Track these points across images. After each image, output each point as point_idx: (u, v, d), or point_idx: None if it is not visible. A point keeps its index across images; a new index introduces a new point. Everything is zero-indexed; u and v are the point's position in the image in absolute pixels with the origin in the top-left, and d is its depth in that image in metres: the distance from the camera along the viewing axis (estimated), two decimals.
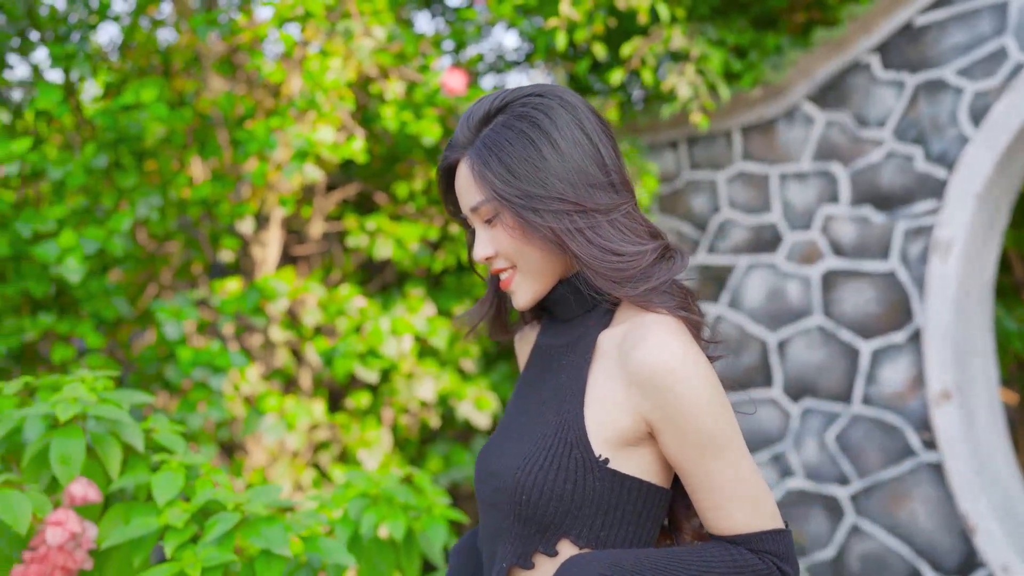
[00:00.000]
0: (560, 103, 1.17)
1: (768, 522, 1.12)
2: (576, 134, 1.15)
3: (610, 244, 1.14)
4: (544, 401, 1.20)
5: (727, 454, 1.11)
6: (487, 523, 1.23)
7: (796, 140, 3.81)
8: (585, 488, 1.11)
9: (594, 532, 1.13)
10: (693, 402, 1.10)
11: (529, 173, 1.13)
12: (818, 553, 3.68)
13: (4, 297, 3.20)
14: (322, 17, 3.23)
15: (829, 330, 3.70)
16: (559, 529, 1.12)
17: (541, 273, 1.20)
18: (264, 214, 3.79)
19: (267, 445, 3.68)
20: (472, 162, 1.17)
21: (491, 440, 1.28)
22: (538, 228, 1.13)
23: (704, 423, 1.10)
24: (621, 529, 1.14)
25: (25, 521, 1.51)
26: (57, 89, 3.15)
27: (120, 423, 1.74)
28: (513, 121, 1.15)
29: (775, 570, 1.11)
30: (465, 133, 1.19)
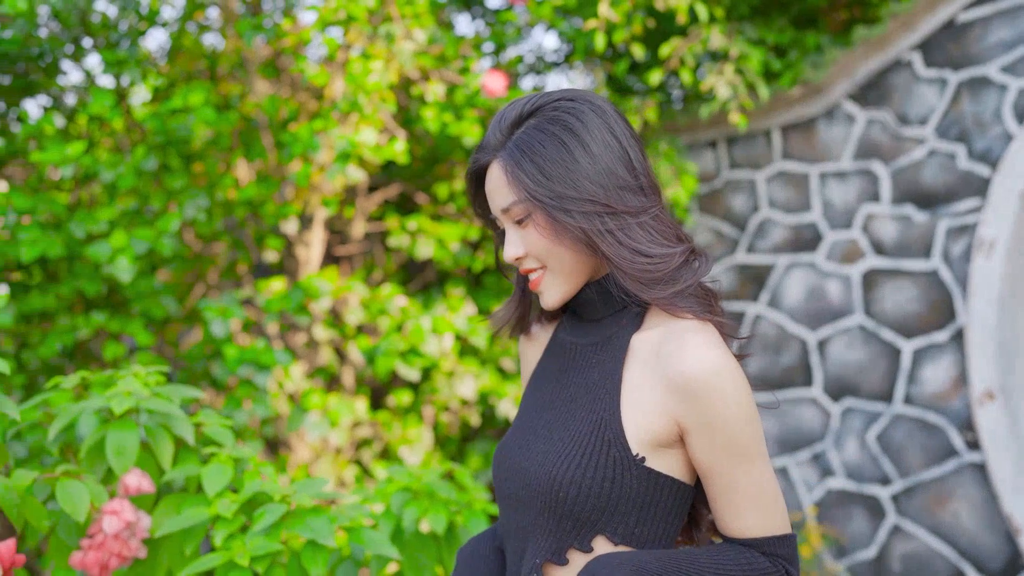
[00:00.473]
0: (590, 107, 1.20)
1: (780, 527, 1.16)
2: (606, 137, 1.18)
3: (639, 246, 1.16)
4: (573, 398, 1.22)
5: (752, 461, 1.15)
6: (512, 519, 1.24)
7: (837, 139, 3.79)
8: (622, 486, 1.14)
9: (629, 528, 1.15)
10: (729, 411, 1.13)
11: (561, 175, 1.16)
12: (859, 553, 3.67)
13: (58, 296, 3.29)
14: (364, 20, 3.28)
15: (870, 329, 3.68)
16: (595, 526, 1.15)
17: (571, 273, 1.22)
18: (308, 215, 3.86)
19: (311, 442, 3.75)
20: (505, 163, 1.19)
21: (510, 437, 1.29)
22: (569, 229, 1.16)
23: (737, 431, 1.13)
24: (653, 525, 1.17)
25: (83, 510, 1.57)
26: (109, 94, 3.23)
27: (172, 417, 1.80)
28: (545, 124, 1.18)
29: (784, 573, 1.16)
30: (496, 135, 1.21)
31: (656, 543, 1.18)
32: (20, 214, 3.07)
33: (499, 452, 1.29)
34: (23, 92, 3.60)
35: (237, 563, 1.58)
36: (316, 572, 1.63)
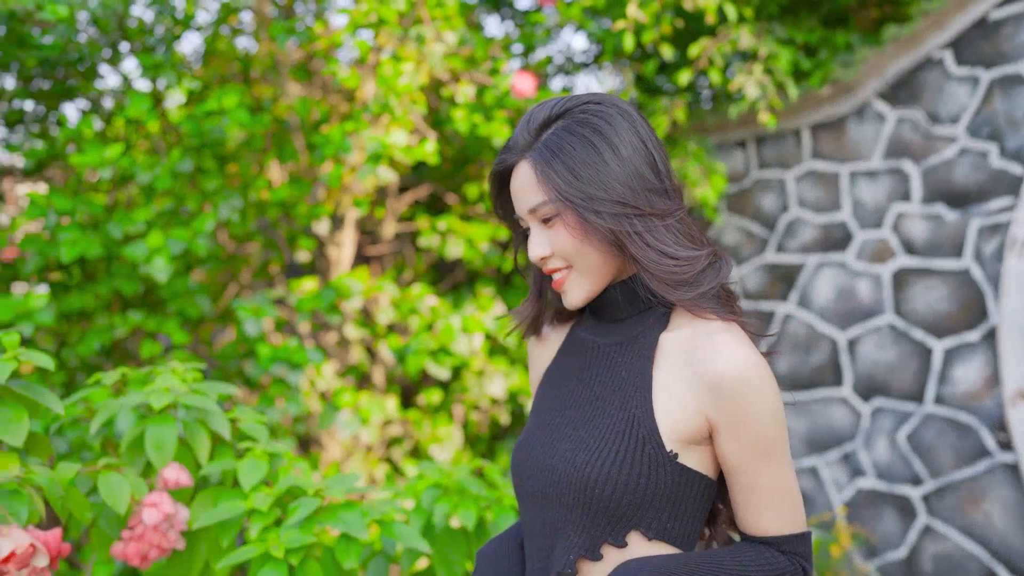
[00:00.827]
0: (618, 111, 1.22)
1: (798, 525, 1.19)
2: (634, 140, 1.20)
3: (666, 248, 1.19)
4: (599, 397, 1.24)
5: (777, 460, 1.17)
6: (537, 517, 1.25)
7: (867, 138, 3.78)
8: (657, 482, 1.16)
9: (662, 523, 1.18)
10: (760, 410, 1.15)
11: (591, 176, 1.18)
12: (890, 553, 3.65)
13: (97, 296, 3.36)
14: (395, 23, 3.32)
15: (900, 329, 3.67)
16: (630, 521, 1.17)
17: (596, 273, 1.24)
18: (339, 215, 3.91)
19: (342, 440, 3.79)
20: (535, 163, 1.21)
21: (530, 435, 1.30)
22: (599, 229, 1.18)
23: (765, 430, 1.15)
24: (684, 520, 1.20)
25: (124, 502, 1.61)
26: (146, 97, 3.30)
27: (208, 412, 1.84)
28: (575, 127, 1.20)
29: (800, 571, 1.18)
30: (525, 136, 1.23)
31: (685, 537, 1.21)
32: (60, 215, 3.14)
33: (519, 450, 1.30)
34: (62, 96, 3.68)
35: (272, 555, 1.61)
36: (349, 565, 1.66)
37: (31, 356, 1.58)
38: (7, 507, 1.45)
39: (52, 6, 2.92)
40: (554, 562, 1.21)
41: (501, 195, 1.33)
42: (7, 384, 1.58)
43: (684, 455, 1.17)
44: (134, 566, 1.70)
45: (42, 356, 1.59)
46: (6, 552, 1.34)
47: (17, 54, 3.21)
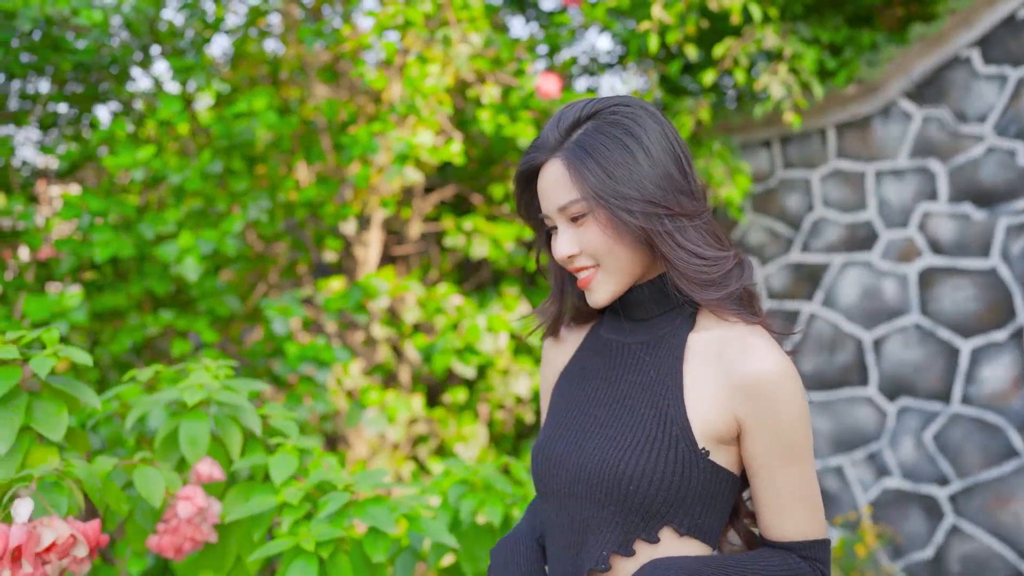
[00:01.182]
0: (646, 113, 1.24)
1: (819, 531, 1.21)
2: (663, 142, 1.22)
3: (695, 248, 1.21)
4: (628, 395, 1.25)
5: (801, 463, 1.19)
6: (564, 515, 1.26)
7: (892, 137, 3.76)
8: (690, 479, 1.18)
9: (694, 520, 1.20)
10: (790, 412, 1.17)
11: (624, 176, 1.19)
12: (916, 553, 3.64)
13: (129, 295, 3.42)
14: (421, 25, 3.35)
15: (927, 328, 3.65)
16: (663, 518, 1.18)
17: (624, 272, 1.25)
18: (366, 216, 3.95)
19: (368, 438, 3.83)
20: (568, 162, 1.22)
21: (553, 433, 1.30)
22: (631, 228, 1.19)
23: (793, 433, 1.17)
24: (713, 516, 1.22)
25: (159, 495, 1.65)
26: (176, 99, 3.35)
27: (240, 408, 1.87)
28: (606, 127, 1.22)
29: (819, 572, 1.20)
30: (555, 135, 1.25)
31: (714, 533, 1.23)
32: (94, 216, 3.20)
33: (542, 449, 1.30)
34: (95, 99, 3.74)
35: (303, 548, 1.64)
36: (378, 558, 1.69)
37: (70, 352, 1.62)
38: (48, 499, 1.49)
39: (87, 11, 2.98)
40: (585, 559, 1.22)
41: (525, 194, 1.34)
42: (47, 379, 1.62)
43: (714, 453, 1.19)
44: (168, 558, 1.74)
45: (80, 352, 1.63)
46: (48, 542, 1.38)
47: (52, 58, 3.27)
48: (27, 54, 3.28)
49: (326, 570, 1.67)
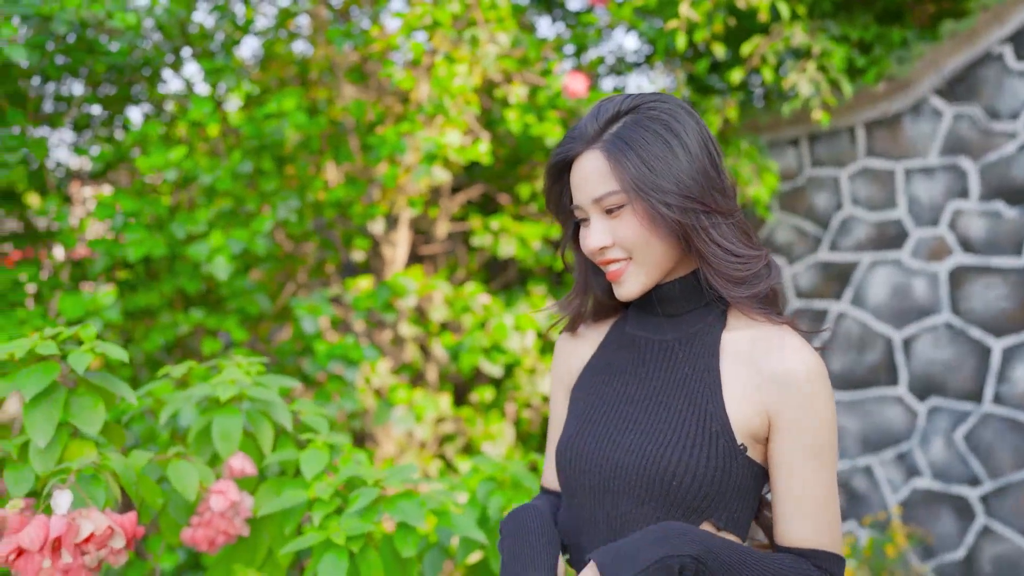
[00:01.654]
0: (684, 110, 1.25)
1: (836, 545, 1.21)
2: (700, 139, 1.24)
3: (730, 245, 1.22)
4: (661, 392, 1.25)
5: (826, 470, 1.20)
6: (600, 512, 1.25)
7: (923, 135, 3.74)
8: (730, 474, 1.19)
9: (732, 514, 1.21)
10: (821, 412, 1.18)
11: (664, 169, 1.20)
12: (947, 555, 3.61)
13: (161, 294, 3.47)
14: (449, 26, 3.37)
15: (957, 327, 3.62)
16: (704, 512, 1.19)
17: (656, 266, 1.25)
18: (394, 215, 3.97)
19: (396, 436, 3.85)
20: (608, 153, 1.23)
21: (582, 430, 1.30)
22: (668, 222, 1.20)
23: (821, 433, 1.19)
24: (748, 511, 1.24)
25: (193, 489, 1.68)
26: (207, 101, 3.39)
27: (272, 404, 1.90)
28: (646, 121, 1.23)
29: None
30: (593, 127, 1.25)
31: (746, 527, 1.25)
32: (127, 216, 3.25)
33: (570, 446, 1.30)
34: (127, 101, 3.80)
35: (334, 542, 1.66)
36: (407, 553, 1.71)
37: (106, 348, 1.66)
38: (86, 491, 1.52)
39: (121, 14, 3.02)
40: None
41: (556, 185, 1.34)
42: (84, 375, 1.66)
43: (750, 450, 1.21)
44: (202, 551, 1.76)
45: (116, 348, 1.66)
46: (87, 533, 1.41)
47: (86, 60, 3.33)
48: (61, 56, 3.34)
49: (356, 565, 1.69)
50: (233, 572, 1.85)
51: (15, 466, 1.59)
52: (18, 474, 1.58)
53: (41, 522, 1.39)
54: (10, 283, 3.34)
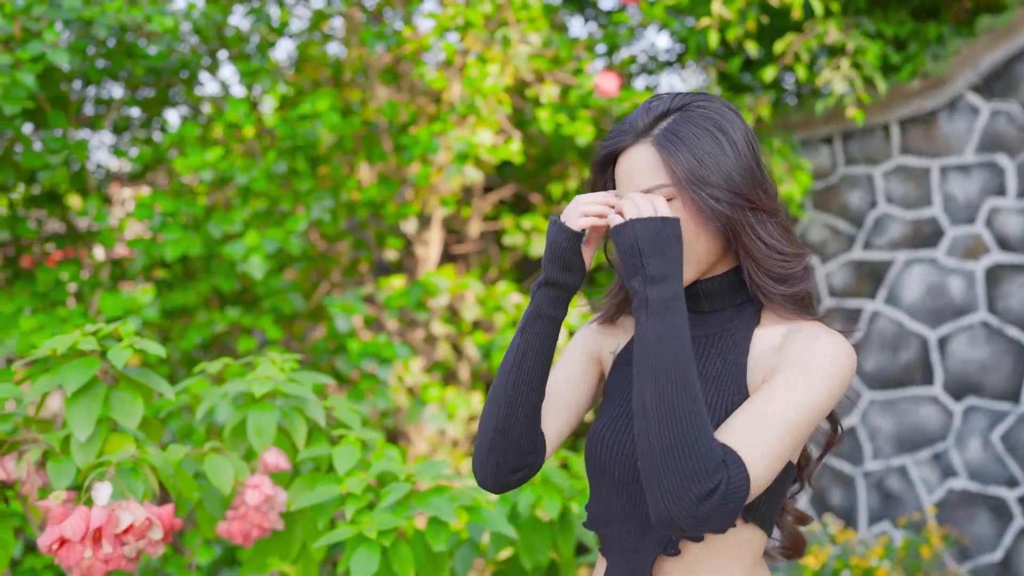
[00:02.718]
0: (731, 110, 1.28)
1: (755, 466, 1.09)
2: (746, 138, 1.27)
3: (775, 242, 1.24)
4: None
5: (796, 391, 1.14)
6: (629, 503, 1.27)
7: (959, 132, 3.70)
8: None
9: (758, 507, 1.22)
10: (822, 350, 1.17)
11: (714, 165, 1.22)
12: (983, 556, 3.57)
13: (197, 292, 3.53)
14: (481, 26, 3.39)
15: (994, 326, 3.58)
16: None
17: (698, 261, 1.26)
18: (426, 215, 4.00)
19: (428, 434, 3.88)
20: (660, 147, 1.24)
21: (612, 423, 1.31)
22: (717, 216, 1.22)
23: (813, 362, 1.16)
24: (771, 504, 1.24)
25: (229, 483, 1.71)
26: (243, 102, 3.45)
27: (305, 400, 1.93)
28: (696, 118, 1.25)
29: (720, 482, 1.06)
30: (644, 121, 1.27)
31: (771, 520, 1.25)
32: (165, 217, 3.30)
33: (599, 439, 1.31)
34: (164, 103, 3.86)
35: (366, 536, 1.69)
36: (439, 548, 1.73)
37: (145, 345, 1.69)
38: (125, 484, 1.56)
39: (159, 18, 3.08)
40: (651, 544, 1.23)
41: (601, 178, 1.36)
42: (123, 371, 1.70)
43: None
44: (237, 544, 1.80)
45: (155, 345, 1.69)
46: (126, 524, 1.44)
47: (126, 64, 3.39)
48: (101, 60, 3.40)
49: (388, 559, 1.71)
50: (268, 565, 1.88)
51: (57, 459, 1.64)
52: (60, 467, 1.62)
53: (83, 513, 1.43)
54: (52, 282, 3.42)
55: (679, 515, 1.05)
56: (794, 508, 1.37)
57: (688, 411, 1.07)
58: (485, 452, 1.30)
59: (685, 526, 1.06)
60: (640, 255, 1.15)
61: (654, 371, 1.09)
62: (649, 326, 1.12)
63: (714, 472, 1.05)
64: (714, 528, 1.06)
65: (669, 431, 1.07)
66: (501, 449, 1.29)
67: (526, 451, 1.30)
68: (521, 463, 1.30)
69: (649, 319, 1.12)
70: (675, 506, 1.05)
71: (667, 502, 1.06)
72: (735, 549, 1.22)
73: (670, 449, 1.06)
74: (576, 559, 2.27)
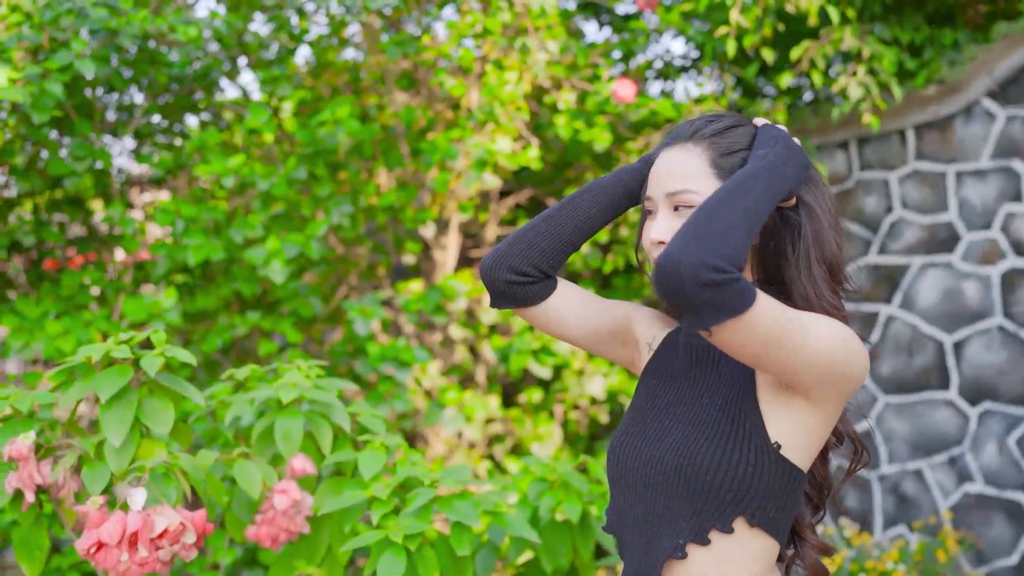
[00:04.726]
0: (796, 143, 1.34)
1: (760, 302, 1.12)
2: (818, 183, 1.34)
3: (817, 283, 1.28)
4: (706, 392, 1.30)
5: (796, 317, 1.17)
6: (640, 508, 1.30)
7: (974, 137, 3.71)
8: (762, 471, 1.22)
9: (765, 512, 1.24)
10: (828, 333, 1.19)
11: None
12: (1000, 560, 3.58)
13: (219, 296, 3.57)
14: (499, 34, 3.43)
15: (1010, 331, 3.59)
16: (736, 507, 1.23)
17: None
18: (443, 219, 4.04)
19: (445, 437, 3.92)
20: (702, 152, 1.29)
21: (632, 428, 1.35)
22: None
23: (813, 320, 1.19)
24: (782, 514, 1.26)
25: (257, 488, 1.75)
26: (264, 109, 3.49)
27: (331, 406, 1.97)
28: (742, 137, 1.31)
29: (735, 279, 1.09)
30: (698, 128, 1.32)
31: (783, 531, 1.27)
32: (188, 222, 3.35)
33: (620, 444, 1.35)
34: (186, 109, 3.91)
35: (392, 540, 1.72)
36: (463, 552, 1.77)
37: (176, 352, 1.73)
38: (159, 489, 1.60)
39: (184, 28, 3.13)
40: (662, 547, 1.26)
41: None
42: (155, 377, 1.74)
43: (786, 448, 1.23)
44: (265, 547, 1.84)
45: (185, 352, 1.74)
46: (161, 529, 1.49)
47: (149, 71, 3.44)
48: (125, 68, 3.45)
49: (413, 562, 1.75)
50: (295, 568, 1.92)
51: (92, 464, 1.68)
52: (95, 472, 1.67)
53: (119, 518, 1.47)
54: (77, 286, 3.47)
55: (686, 265, 1.07)
56: (815, 538, 1.38)
57: (746, 220, 1.14)
58: (504, 243, 1.39)
59: (686, 276, 1.06)
60: (778, 142, 1.26)
61: (744, 186, 1.17)
62: (756, 167, 1.21)
63: (734, 260, 1.08)
64: (702, 294, 1.06)
65: (726, 213, 1.12)
66: (519, 244, 1.37)
67: (531, 263, 1.37)
68: (525, 269, 1.37)
69: (759, 167, 1.21)
70: (686, 256, 1.07)
71: (680, 250, 1.08)
72: (745, 556, 1.24)
73: (715, 217, 1.11)
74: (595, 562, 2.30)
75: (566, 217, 1.39)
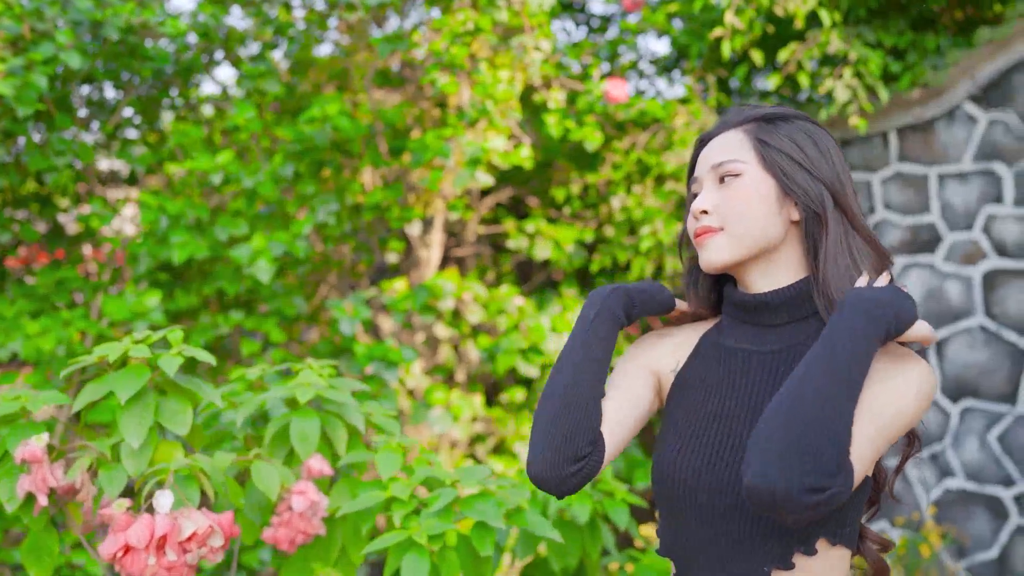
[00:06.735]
0: (825, 130, 1.31)
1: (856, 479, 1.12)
2: (839, 153, 1.30)
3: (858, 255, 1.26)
4: (764, 405, 1.22)
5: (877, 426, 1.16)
6: (708, 531, 1.22)
7: (957, 140, 3.77)
8: None
9: (843, 528, 1.19)
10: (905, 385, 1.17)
11: (806, 154, 1.26)
12: (980, 554, 3.64)
13: (201, 295, 3.50)
14: (491, 32, 3.41)
15: (991, 330, 3.66)
16: (819, 529, 1.17)
17: (752, 237, 1.25)
18: (428, 218, 4.01)
19: (428, 436, 3.89)
20: (747, 132, 1.27)
21: (683, 447, 1.26)
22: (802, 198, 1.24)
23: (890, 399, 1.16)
24: (855, 524, 1.22)
25: (275, 489, 1.71)
26: (248, 105, 3.43)
27: (345, 406, 1.93)
28: (792, 126, 1.28)
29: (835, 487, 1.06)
30: (746, 114, 1.30)
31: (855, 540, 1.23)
32: (171, 219, 3.28)
33: (671, 463, 1.26)
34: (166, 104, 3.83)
35: (415, 542, 1.69)
36: (485, 552, 1.74)
37: (194, 353, 1.69)
38: (183, 491, 1.56)
39: (172, 21, 3.06)
40: (740, 574, 1.20)
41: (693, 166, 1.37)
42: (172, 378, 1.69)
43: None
44: (282, 549, 1.80)
45: (205, 353, 1.69)
46: (188, 532, 1.44)
47: (131, 65, 3.36)
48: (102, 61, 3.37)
49: (435, 563, 1.72)
50: (310, 570, 1.89)
51: (108, 466, 1.63)
52: (112, 474, 1.62)
53: (146, 521, 1.43)
54: (53, 285, 3.38)
55: (783, 492, 1.02)
56: (874, 534, 1.33)
57: (845, 408, 1.07)
58: (541, 441, 1.24)
59: (784, 506, 1.03)
60: (885, 307, 1.15)
61: (832, 357, 1.09)
62: (844, 330, 1.12)
63: (834, 474, 1.04)
64: (802, 517, 1.04)
65: (816, 413, 1.06)
66: (559, 434, 1.23)
67: (583, 442, 1.24)
68: (578, 453, 1.23)
69: (852, 331, 1.12)
70: (782, 481, 1.02)
71: (773, 474, 1.03)
72: (826, 571, 1.19)
73: (810, 428, 1.05)
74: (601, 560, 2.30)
75: (581, 390, 1.26)
